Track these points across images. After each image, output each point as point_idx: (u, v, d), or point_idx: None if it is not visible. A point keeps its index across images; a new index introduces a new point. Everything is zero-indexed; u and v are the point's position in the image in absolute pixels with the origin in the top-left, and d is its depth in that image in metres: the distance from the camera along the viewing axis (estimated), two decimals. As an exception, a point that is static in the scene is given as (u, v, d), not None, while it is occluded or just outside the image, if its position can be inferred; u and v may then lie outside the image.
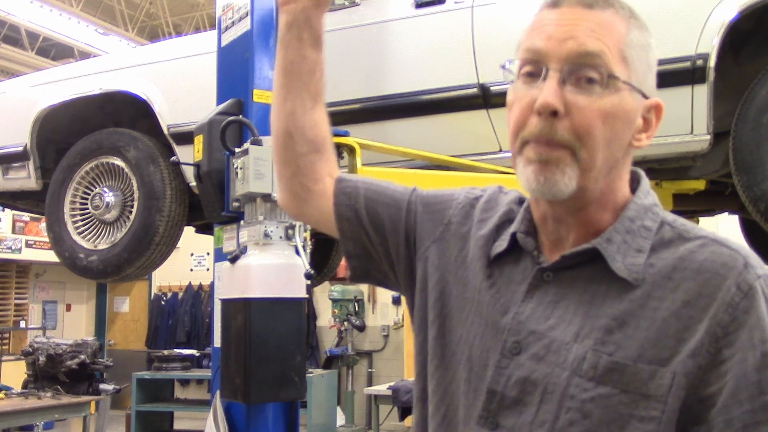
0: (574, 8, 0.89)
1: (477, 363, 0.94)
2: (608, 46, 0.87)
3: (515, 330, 0.91)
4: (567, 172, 0.87)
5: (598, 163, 0.88)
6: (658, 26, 2.66)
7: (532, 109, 0.87)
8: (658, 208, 0.94)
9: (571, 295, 0.90)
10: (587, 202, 0.90)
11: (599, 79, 0.86)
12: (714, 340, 0.82)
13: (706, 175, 2.93)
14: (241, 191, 2.45)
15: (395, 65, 3.10)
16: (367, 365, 9.19)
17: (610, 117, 0.87)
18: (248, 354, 2.35)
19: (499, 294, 0.96)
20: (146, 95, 3.40)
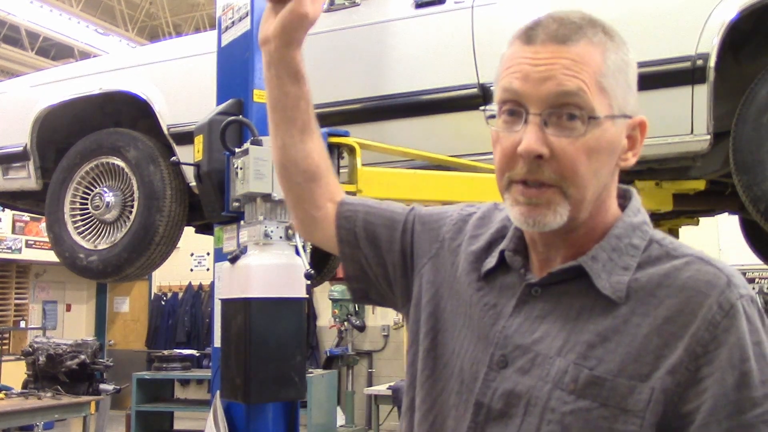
0: (548, 45, 0.89)
1: (467, 375, 0.96)
2: (585, 82, 0.88)
3: (502, 344, 0.94)
4: (558, 210, 0.89)
5: (587, 195, 0.90)
6: (659, 26, 2.67)
7: (516, 152, 0.88)
8: (647, 226, 0.95)
9: (557, 311, 0.92)
10: (576, 226, 0.92)
11: (581, 116, 0.87)
12: (694, 358, 0.82)
13: (706, 175, 2.93)
14: (241, 191, 2.44)
15: (395, 65, 3.10)
16: (367, 365, 9.19)
17: (595, 152, 0.89)
18: (248, 354, 2.35)
19: (489, 308, 0.98)
20: (146, 95, 3.40)
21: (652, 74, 2.64)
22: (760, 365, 0.82)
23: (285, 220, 2.48)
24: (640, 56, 2.90)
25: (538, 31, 0.91)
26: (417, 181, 2.80)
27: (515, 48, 0.92)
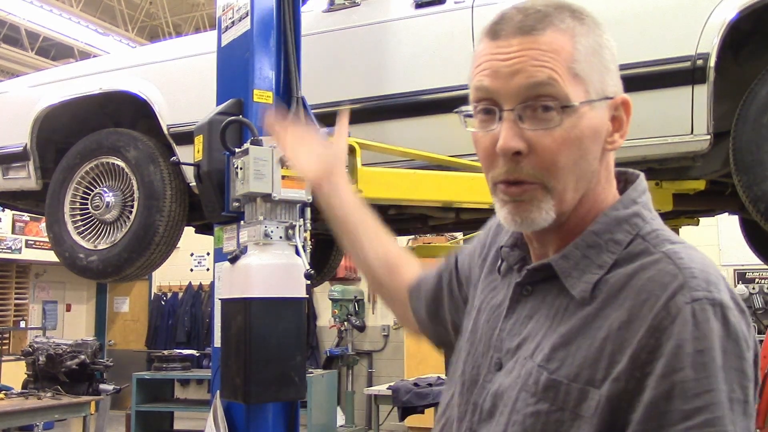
0: (513, 38, 0.86)
1: (469, 377, 0.97)
2: (556, 70, 0.85)
3: (498, 347, 0.94)
4: (543, 207, 0.87)
5: (571, 186, 0.87)
6: (659, 26, 2.67)
7: (495, 151, 0.87)
8: (639, 218, 0.90)
9: (542, 310, 0.91)
10: (566, 219, 0.90)
11: (555, 106, 0.85)
12: (639, 366, 0.78)
13: (706, 175, 2.93)
14: (241, 191, 2.44)
15: (395, 65, 3.10)
16: (367, 365, 9.19)
17: (575, 141, 0.86)
18: (248, 354, 2.35)
19: (495, 308, 0.98)
20: (146, 95, 3.40)
21: (652, 74, 2.64)
22: (697, 375, 0.76)
23: (285, 220, 2.48)
24: (640, 56, 2.89)
25: (503, 25, 0.88)
26: (417, 181, 2.80)
27: (483, 45, 0.90)
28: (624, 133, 0.93)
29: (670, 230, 0.91)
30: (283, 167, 2.31)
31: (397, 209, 3.22)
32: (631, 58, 2.68)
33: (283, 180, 2.42)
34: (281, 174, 2.42)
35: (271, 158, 2.42)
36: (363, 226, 1.32)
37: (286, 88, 2.72)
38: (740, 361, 0.78)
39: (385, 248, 1.31)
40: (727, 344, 0.77)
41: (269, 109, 1.46)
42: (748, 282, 7.78)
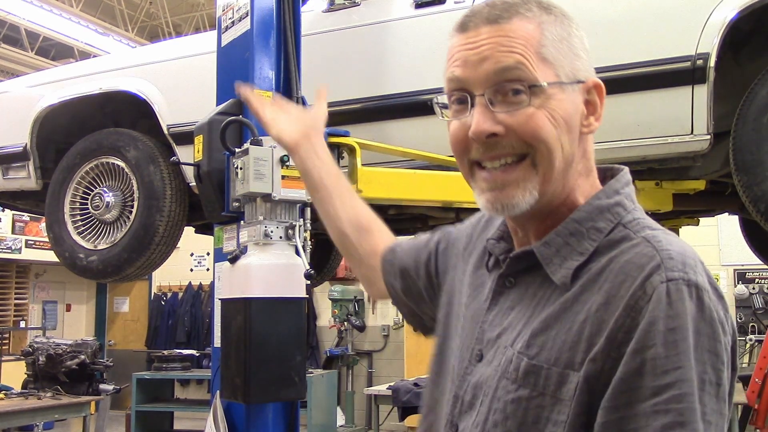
0: (480, 28, 0.89)
1: (456, 373, 0.97)
2: (524, 55, 0.86)
3: (480, 338, 0.94)
4: (527, 187, 0.87)
5: (556, 162, 0.87)
6: (659, 26, 2.67)
7: (468, 137, 0.88)
8: (621, 207, 0.90)
9: (525, 300, 0.91)
10: (544, 205, 0.90)
11: (524, 88, 0.86)
12: (616, 345, 0.78)
13: (706, 175, 2.93)
14: (241, 191, 2.44)
15: (395, 65, 3.10)
16: (367, 365, 9.19)
17: (549, 119, 0.87)
18: (248, 354, 2.35)
19: (477, 304, 0.99)
20: (146, 95, 3.40)
21: (653, 74, 2.64)
22: (667, 353, 0.75)
23: (285, 220, 2.48)
24: (640, 56, 2.89)
25: (471, 18, 0.91)
26: (417, 181, 2.80)
27: (454, 39, 0.93)
28: (599, 116, 0.94)
29: (651, 219, 0.91)
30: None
31: (397, 209, 3.22)
32: (632, 58, 2.68)
33: (283, 180, 2.42)
34: (281, 174, 2.42)
35: (271, 158, 2.42)
36: (337, 190, 1.34)
37: (286, 88, 2.72)
38: (714, 343, 0.78)
39: (356, 210, 1.34)
40: (700, 325, 0.77)
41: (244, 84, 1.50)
42: (748, 282, 7.78)
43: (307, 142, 1.36)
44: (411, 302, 1.24)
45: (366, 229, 1.32)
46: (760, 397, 4.91)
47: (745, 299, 7.71)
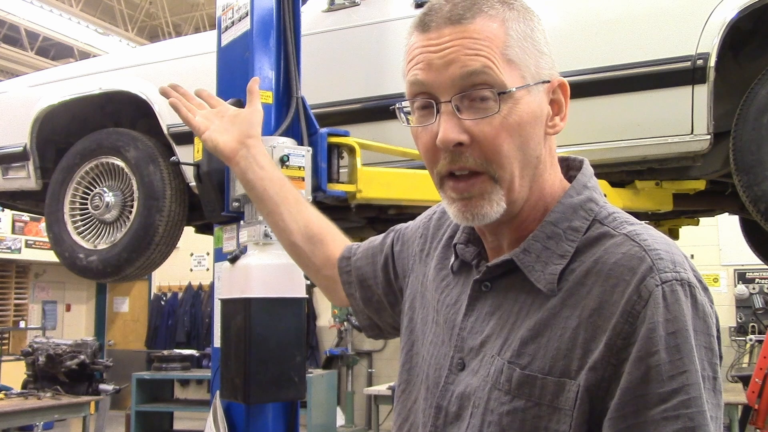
0: (443, 28, 0.85)
1: (432, 381, 0.94)
2: (490, 58, 0.84)
3: (460, 347, 0.92)
4: (493, 199, 0.86)
5: (517, 173, 0.86)
6: (659, 26, 2.66)
7: (436, 145, 0.86)
8: (593, 203, 0.89)
9: (504, 305, 0.89)
10: (516, 209, 0.89)
11: (491, 95, 0.84)
12: (615, 352, 0.78)
13: (706, 175, 2.93)
14: (241, 191, 2.44)
15: (395, 65, 3.09)
16: (367, 365, 9.19)
17: (515, 126, 0.85)
18: (248, 354, 2.35)
19: (451, 306, 0.96)
20: (146, 95, 3.40)
21: (653, 74, 2.64)
22: (671, 357, 0.75)
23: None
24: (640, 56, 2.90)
25: (432, 16, 0.87)
26: (417, 181, 2.80)
27: (414, 38, 0.89)
28: (564, 115, 0.92)
29: (624, 212, 0.90)
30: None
31: (397, 209, 3.22)
32: (632, 58, 2.68)
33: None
34: (281, 174, 2.42)
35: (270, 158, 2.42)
36: (283, 199, 1.27)
37: (286, 88, 2.72)
38: (708, 338, 0.79)
39: (307, 220, 1.27)
40: (696, 323, 0.78)
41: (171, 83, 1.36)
42: (748, 282, 7.78)
43: (245, 149, 1.26)
44: (371, 312, 1.21)
45: (318, 239, 1.27)
46: (760, 397, 4.91)
47: (745, 299, 7.70)
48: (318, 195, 2.60)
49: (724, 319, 7.87)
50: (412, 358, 1.01)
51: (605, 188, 2.89)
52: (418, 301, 1.05)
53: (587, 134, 2.79)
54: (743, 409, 4.83)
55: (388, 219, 3.52)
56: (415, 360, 1.01)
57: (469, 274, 0.96)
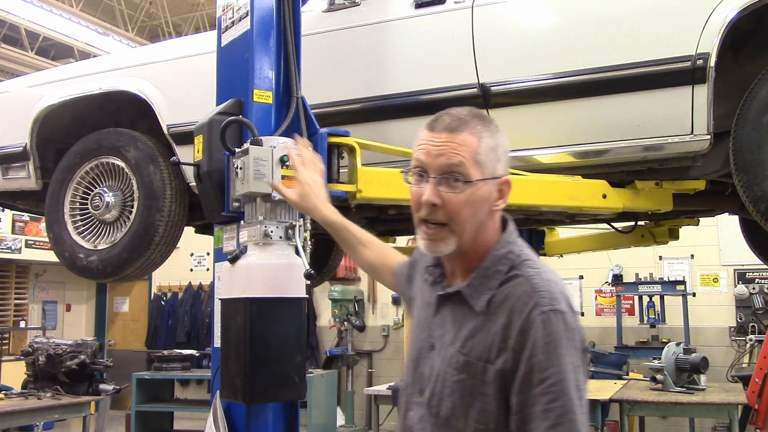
0: (442, 132, 1.38)
1: (414, 356, 1.49)
2: (465, 157, 1.35)
3: (431, 334, 1.47)
4: (448, 241, 1.38)
5: (467, 230, 1.38)
6: (659, 26, 2.67)
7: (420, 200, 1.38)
8: (512, 254, 1.39)
9: (455, 314, 1.42)
10: (464, 250, 1.40)
11: (461, 180, 1.35)
12: (515, 352, 1.29)
13: (706, 175, 2.93)
14: (241, 191, 2.44)
15: (395, 65, 3.10)
16: (367, 365, 9.19)
17: (471, 203, 1.36)
18: (248, 354, 2.35)
19: (427, 306, 1.51)
20: (146, 95, 3.40)
21: (653, 74, 2.64)
22: (545, 358, 1.25)
23: (285, 220, 2.48)
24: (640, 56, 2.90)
25: (438, 123, 1.39)
26: (417, 181, 2.79)
27: (423, 133, 1.42)
28: (505, 200, 1.42)
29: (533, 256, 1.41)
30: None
31: (397, 209, 3.22)
32: (632, 58, 2.68)
33: (283, 180, 2.42)
34: (281, 174, 2.42)
35: (271, 158, 2.42)
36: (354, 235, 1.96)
37: (286, 88, 2.72)
38: (575, 342, 1.29)
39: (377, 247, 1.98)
40: (566, 334, 1.28)
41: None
42: (748, 282, 7.78)
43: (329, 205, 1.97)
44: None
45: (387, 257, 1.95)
46: (760, 397, 4.91)
47: (745, 299, 7.70)
48: (318, 195, 2.60)
49: (724, 319, 7.87)
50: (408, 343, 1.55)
51: (605, 188, 2.89)
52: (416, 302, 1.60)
53: (587, 134, 2.79)
54: (743, 409, 4.82)
55: (388, 219, 3.52)
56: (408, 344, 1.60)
57: (435, 287, 1.49)
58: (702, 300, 7.87)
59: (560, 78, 2.79)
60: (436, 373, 1.40)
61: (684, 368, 4.95)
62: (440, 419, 1.38)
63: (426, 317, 1.49)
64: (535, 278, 1.33)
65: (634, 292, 7.70)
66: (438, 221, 1.37)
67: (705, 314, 7.89)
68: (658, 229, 3.87)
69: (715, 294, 7.99)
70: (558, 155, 2.86)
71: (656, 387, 5.00)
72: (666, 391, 4.88)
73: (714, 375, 6.29)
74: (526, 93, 2.87)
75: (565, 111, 2.83)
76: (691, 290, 7.66)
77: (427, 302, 1.50)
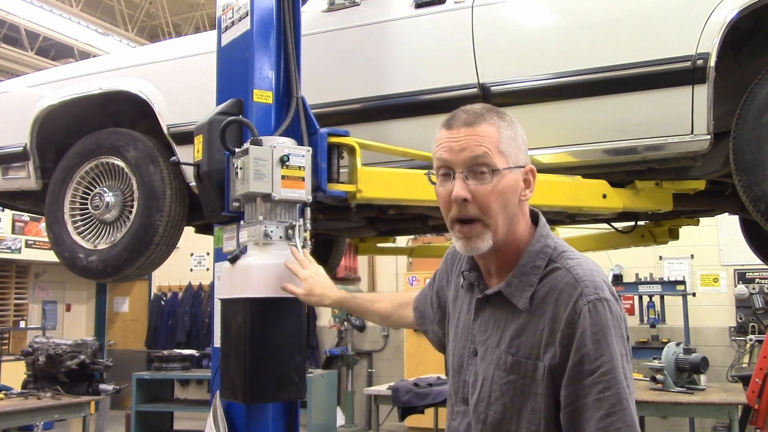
0: (461, 128, 1.38)
1: (456, 364, 1.50)
2: (488, 148, 1.36)
3: (472, 340, 1.46)
4: (484, 238, 1.37)
5: (500, 223, 1.37)
6: (659, 26, 2.66)
7: (450, 199, 1.37)
8: (548, 247, 1.40)
9: (496, 315, 1.42)
10: (499, 246, 1.39)
11: (488, 170, 1.36)
12: (563, 346, 1.29)
13: (706, 175, 2.93)
14: (241, 191, 2.44)
15: (395, 65, 3.10)
16: (367, 365, 9.19)
17: (500, 192, 1.36)
18: (248, 354, 2.35)
19: (467, 311, 1.51)
20: (146, 95, 3.40)
21: (653, 74, 2.64)
22: (595, 347, 1.26)
23: (285, 220, 2.48)
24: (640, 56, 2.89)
25: (454, 121, 1.40)
26: (417, 181, 2.80)
27: (442, 133, 1.41)
28: (532, 189, 1.42)
29: (568, 247, 1.41)
30: None
31: (397, 209, 3.22)
32: (632, 58, 2.68)
33: (283, 180, 2.42)
34: (281, 174, 2.42)
35: (270, 158, 2.41)
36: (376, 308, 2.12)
37: (286, 88, 2.72)
38: (621, 331, 1.30)
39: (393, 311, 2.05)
40: (613, 322, 1.29)
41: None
42: (748, 282, 7.78)
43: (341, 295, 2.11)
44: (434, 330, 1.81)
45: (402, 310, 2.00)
46: (760, 397, 4.91)
47: (745, 299, 7.70)
48: (318, 195, 2.60)
49: (724, 319, 7.87)
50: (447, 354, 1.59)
51: (605, 188, 2.89)
52: (451, 308, 1.60)
53: (588, 134, 2.79)
54: (743, 409, 4.82)
55: (388, 219, 3.52)
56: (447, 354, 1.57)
57: (473, 292, 1.49)
58: (702, 300, 7.87)
59: (560, 78, 2.79)
60: (481, 378, 1.39)
61: (684, 368, 4.95)
62: (487, 425, 1.37)
63: (465, 324, 1.48)
64: (576, 269, 1.33)
65: (634, 292, 7.70)
66: (470, 217, 1.36)
67: (705, 314, 7.89)
68: (658, 229, 3.87)
69: (715, 294, 7.99)
70: (558, 155, 2.86)
71: (656, 387, 5.00)
72: (666, 391, 4.88)
73: (714, 375, 6.29)
74: (526, 93, 2.87)
75: (565, 111, 2.83)
76: (691, 290, 7.66)
77: (464, 311, 1.50)
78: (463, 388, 1.44)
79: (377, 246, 4.53)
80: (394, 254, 7.60)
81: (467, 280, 1.50)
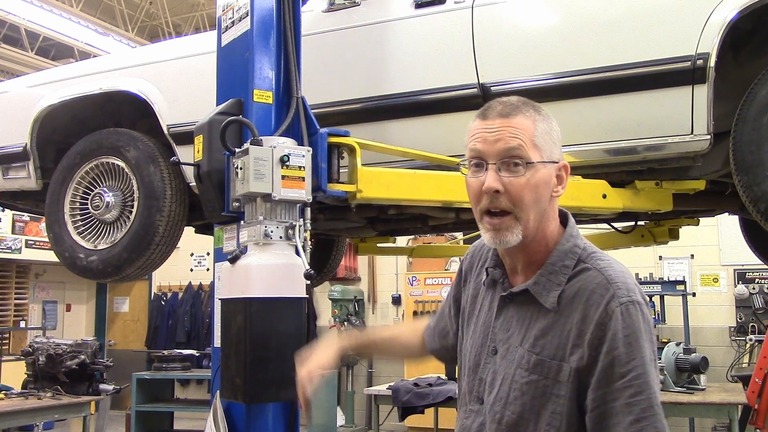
0: (496, 119, 1.35)
1: (473, 362, 1.45)
2: (523, 141, 1.32)
3: (493, 338, 1.42)
4: (514, 231, 1.33)
5: (532, 217, 1.33)
6: (659, 26, 2.67)
7: (482, 190, 1.33)
8: (577, 248, 1.37)
9: (520, 313, 1.38)
10: (528, 241, 1.35)
11: (521, 163, 1.32)
12: (593, 348, 1.26)
13: (706, 175, 2.93)
14: (241, 191, 2.44)
15: (395, 65, 3.10)
16: (367, 365, 9.18)
17: (533, 186, 1.32)
18: (248, 354, 2.35)
19: (488, 309, 1.46)
20: (146, 95, 3.40)
21: (653, 74, 2.64)
22: (627, 350, 1.23)
23: (285, 220, 2.48)
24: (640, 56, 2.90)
25: (490, 111, 1.36)
26: (417, 181, 2.80)
27: (476, 123, 1.38)
28: (564, 185, 1.40)
29: (597, 248, 1.38)
30: None
31: (397, 209, 3.22)
32: (632, 58, 2.68)
33: (283, 180, 2.42)
34: (281, 174, 2.42)
35: (271, 158, 2.42)
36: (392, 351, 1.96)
37: (286, 88, 2.72)
38: (651, 335, 1.27)
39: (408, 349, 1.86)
40: (644, 326, 1.26)
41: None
42: (748, 282, 7.78)
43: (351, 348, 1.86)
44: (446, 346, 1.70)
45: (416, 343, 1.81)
46: (760, 397, 4.91)
47: (745, 299, 7.70)
48: (318, 195, 2.60)
49: (724, 319, 7.87)
50: (461, 351, 1.54)
51: (605, 188, 2.89)
52: (468, 306, 1.55)
53: (588, 134, 2.79)
54: (743, 409, 4.82)
55: (388, 219, 3.52)
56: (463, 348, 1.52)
57: (496, 289, 1.45)
58: (702, 300, 7.87)
59: (560, 78, 2.80)
60: (501, 377, 1.36)
61: (684, 368, 4.95)
62: (502, 425, 1.34)
63: (486, 322, 1.44)
64: (608, 270, 1.30)
65: (634, 292, 7.68)
66: (501, 209, 1.32)
67: (705, 314, 7.89)
68: (658, 229, 3.87)
69: (715, 294, 7.99)
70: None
71: (656, 387, 4.99)
72: (666, 391, 4.87)
73: (714, 375, 6.29)
74: (527, 93, 2.86)
75: (565, 111, 2.83)
76: (691, 290, 7.66)
77: (485, 309, 1.46)
78: (479, 387, 1.40)
79: (377, 246, 4.53)
80: (394, 254, 7.59)
81: (491, 277, 1.46)
